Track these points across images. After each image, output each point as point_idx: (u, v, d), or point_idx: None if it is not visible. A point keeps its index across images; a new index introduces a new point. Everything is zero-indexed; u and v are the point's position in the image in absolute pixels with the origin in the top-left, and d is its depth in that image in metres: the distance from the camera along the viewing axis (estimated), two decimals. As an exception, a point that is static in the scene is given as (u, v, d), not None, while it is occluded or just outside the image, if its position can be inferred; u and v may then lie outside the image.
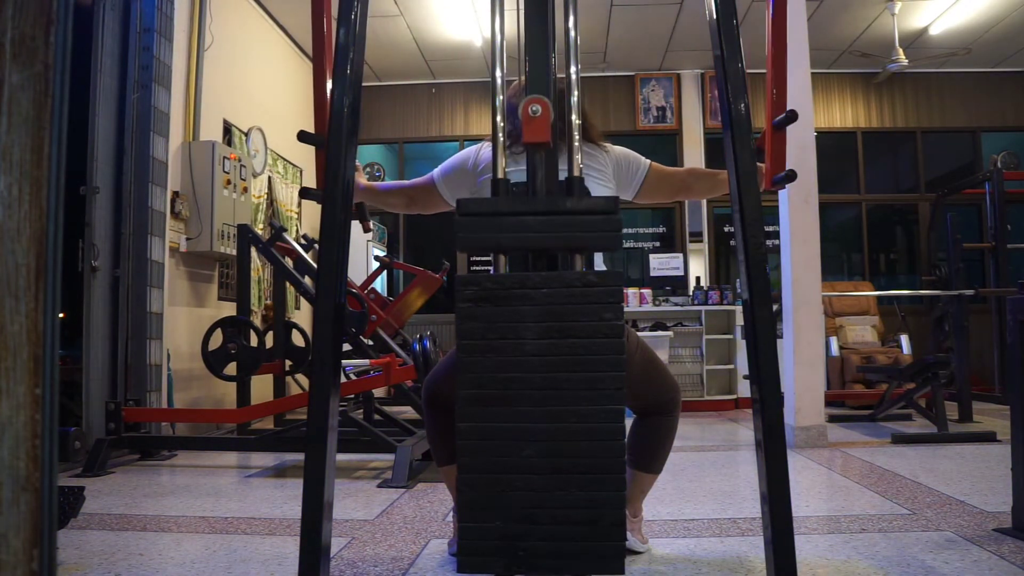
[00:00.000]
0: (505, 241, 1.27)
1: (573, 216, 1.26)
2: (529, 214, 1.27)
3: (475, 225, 1.27)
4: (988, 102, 7.26)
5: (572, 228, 1.26)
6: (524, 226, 1.26)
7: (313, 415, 1.38)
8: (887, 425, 4.77)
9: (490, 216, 1.28)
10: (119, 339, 3.97)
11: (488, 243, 1.28)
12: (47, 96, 0.65)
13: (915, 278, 7.41)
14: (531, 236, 1.27)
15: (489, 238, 1.28)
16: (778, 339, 1.44)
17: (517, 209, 1.28)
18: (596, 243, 1.27)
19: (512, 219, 1.27)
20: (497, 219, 1.27)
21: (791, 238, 4.03)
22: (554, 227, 1.26)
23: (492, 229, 1.27)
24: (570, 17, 1.41)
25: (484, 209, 1.29)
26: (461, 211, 1.28)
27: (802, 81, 4.09)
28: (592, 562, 1.19)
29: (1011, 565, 1.92)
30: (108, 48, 4.02)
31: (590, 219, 1.26)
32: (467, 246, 1.28)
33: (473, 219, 1.27)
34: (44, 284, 0.64)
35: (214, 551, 2.19)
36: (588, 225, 1.26)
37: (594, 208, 1.26)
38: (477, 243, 1.28)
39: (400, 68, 7.04)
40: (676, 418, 2.03)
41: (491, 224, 1.27)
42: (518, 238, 1.27)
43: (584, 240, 1.26)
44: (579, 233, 1.26)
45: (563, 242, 1.27)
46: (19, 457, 0.62)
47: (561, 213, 1.27)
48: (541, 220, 1.27)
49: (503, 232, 1.27)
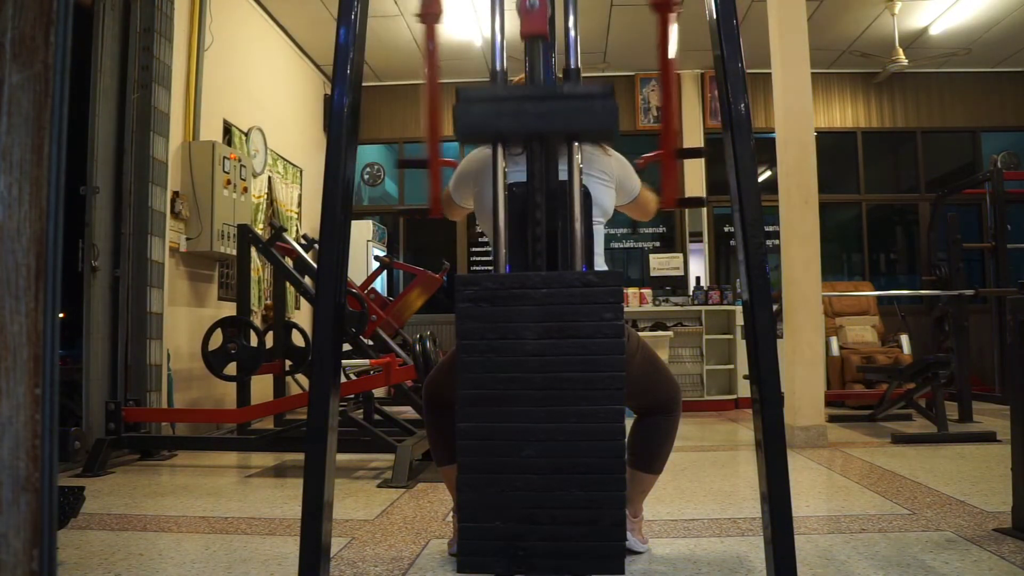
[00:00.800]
0: (503, 125, 1.28)
1: (570, 100, 1.27)
2: (527, 99, 1.28)
3: (474, 110, 1.28)
4: (988, 102, 7.26)
5: (568, 112, 1.26)
6: (522, 110, 1.27)
7: (313, 415, 1.38)
8: (887, 425, 4.77)
9: (488, 102, 1.28)
10: (119, 339, 3.97)
11: (486, 128, 1.29)
12: (47, 96, 0.65)
13: (915, 278, 7.41)
14: (529, 120, 1.27)
15: (487, 123, 1.28)
16: (778, 339, 1.43)
17: (515, 95, 1.29)
18: (592, 126, 1.27)
19: (510, 103, 1.27)
20: (495, 104, 1.28)
21: (791, 238, 4.03)
22: (551, 111, 1.27)
23: (490, 114, 1.28)
24: (570, 17, 1.41)
25: (483, 95, 1.30)
26: (461, 99, 1.29)
27: (802, 81, 4.09)
28: (592, 562, 1.19)
29: (1011, 565, 1.92)
30: (108, 48, 4.02)
31: (587, 103, 1.26)
32: (466, 132, 1.29)
33: (472, 105, 1.28)
34: (44, 284, 0.64)
35: (214, 551, 2.19)
36: (585, 109, 1.26)
37: (591, 93, 1.27)
38: (476, 129, 1.29)
39: (400, 68, 7.04)
40: (677, 418, 2.03)
41: (489, 109, 1.28)
42: (516, 122, 1.27)
43: (580, 123, 1.27)
44: (576, 116, 1.26)
45: (560, 125, 1.27)
46: (19, 457, 0.62)
47: (558, 97, 1.28)
48: (538, 104, 1.27)
49: (501, 117, 1.27)
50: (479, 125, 1.28)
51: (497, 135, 1.30)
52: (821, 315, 4.31)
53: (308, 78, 6.74)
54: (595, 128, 1.27)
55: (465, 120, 1.26)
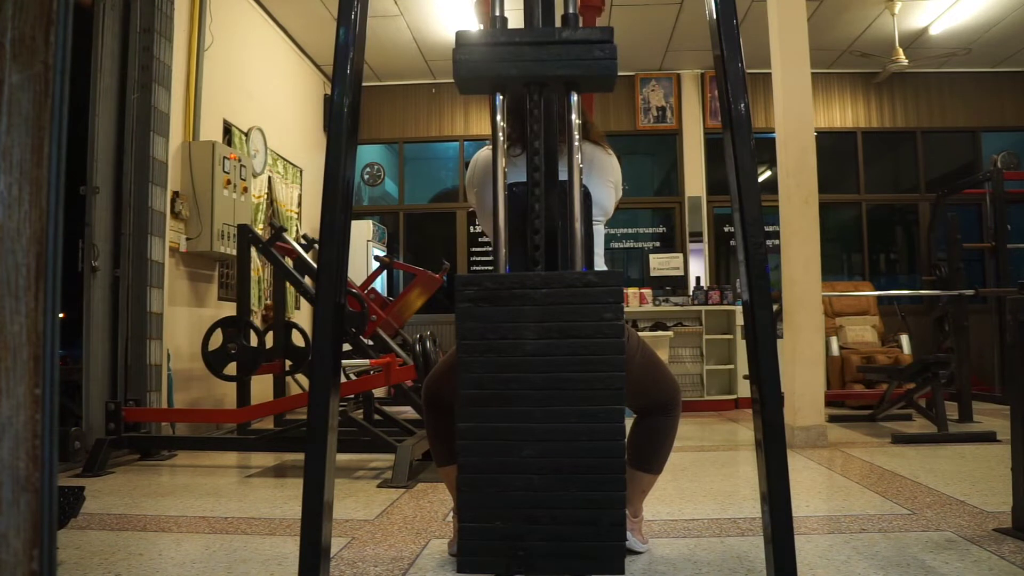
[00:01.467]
0: (502, 69, 1.28)
1: (569, 45, 1.27)
2: (526, 43, 1.28)
3: (473, 55, 1.28)
4: (988, 102, 7.26)
5: (568, 56, 1.27)
6: (521, 55, 1.27)
7: (313, 415, 1.38)
8: (887, 425, 4.77)
9: (487, 46, 1.29)
10: (119, 339, 3.97)
11: (486, 73, 1.29)
12: (47, 96, 0.65)
13: (915, 278, 7.41)
14: (528, 64, 1.27)
15: (487, 68, 1.28)
16: (778, 339, 1.43)
17: (514, 39, 1.29)
18: (592, 70, 1.27)
19: (509, 48, 1.28)
20: (494, 48, 1.28)
21: (791, 238, 4.03)
22: (551, 55, 1.27)
23: (490, 59, 1.28)
24: (569, 12, 1.40)
25: (482, 40, 1.30)
26: (459, 42, 1.29)
27: (802, 81, 4.09)
28: (592, 562, 1.19)
29: (1011, 565, 1.92)
30: (108, 48, 4.02)
31: (586, 47, 1.26)
32: (466, 80, 1.29)
33: (471, 48, 1.28)
34: (44, 284, 0.64)
35: (214, 551, 2.19)
36: (584, 52, 1.26)
37: (590, 37, 1.27)
38: (475, 74, 1.29)
39: (400, 68, 7.04)
40: (677, 418, 2.03)
41: (488, 53, 1.28)
42: (515, 66, 1.27)
43: (580, 67, 1.27)
44: (575, 60, 1.27)
45: (560, 69, 1.27)
46: (19, 457, 0.62)
47: (557, 42, 1.28)
48: (537, 48, 1.27)
49: (499, 61, 1.27)
50: (477, 70, 1.28)
51: (496, 79, 1.30)
52: (821, 315, 4.31)
53: (308, 78, 6.74)
54: (595, 72, 1.27)
55: (464, 65, 1.26)
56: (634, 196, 7.37)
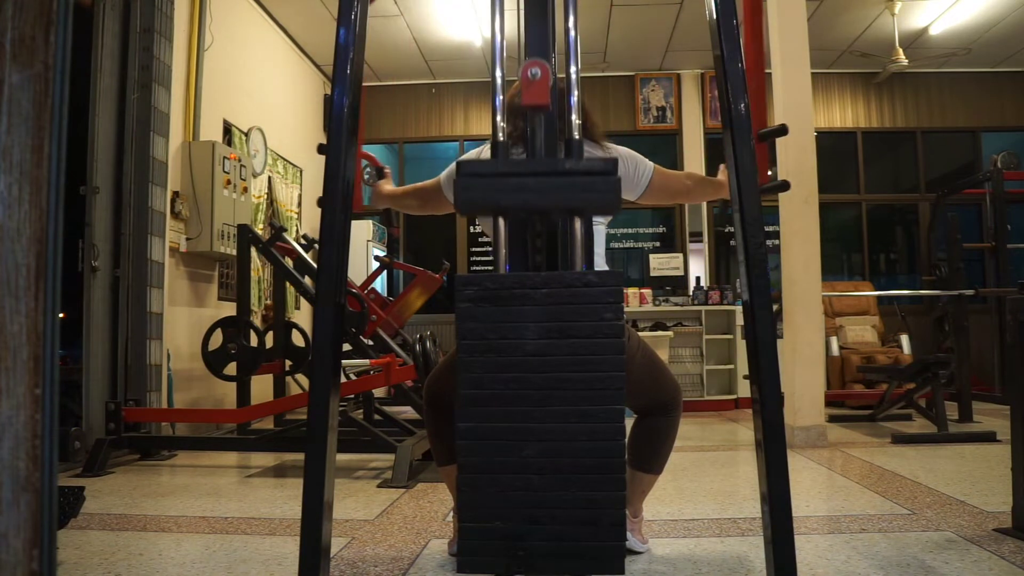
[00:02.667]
0: (504, 201, 1.28)
1: (571, 176, 1.27)
2: (528, 175, 1.28)
3: (474, 186, 1.28)
4: (988, 102, 7.26)
5: (570, 189, 1.27)
6: (523, 187, 1.27)
7: (313, 415, 1.38)
8: (887, 425, 4.77)
9: (490, 177, 1.29)
10: (119, 339, 3.97)
11: (487, 204, 1.30)
12: (47, 96, 0.65)
13: (915, 278, 7.41)
14: (530, 196, 1.27)
15: (488, 199, 1.29)
16: (778, 339, 1.43)
17: (516, 170, 1.30)
18: (594, 203, 1.28)
19: (512, 180, 1.28)
20: (496, 179, 1.29)
21: (791, 238, 4.03)
22: (552, 188, 1.27)
23: (491, 190, 1.28)
24: (570, 17, 1.40)
25: (483, 170, 1.30)
26: (461, 172, 1.29)
27: (802, 81, 4.09)
28: (592, 562, 1.19)
29: (1011, 565, 1.92)
30: (108, 48, 4.02)
31: (588, 179, 1.26)
32: (467, 207, 1.29)
33: (472, 180, 1.28)
34: (44, 284, 0.64)
35: (214, 551, 2.19)
36: (586, 186, 1.26)
37: (592, 169, 1.27)
38: (477, 204, 1.29)
39: (400, 68, 7.04)
40: (677, 418, 2.03)
41: (490, 185, 1.28)
42: (517, 198, 1.28)
43: (582, 200, 1.27)
44: (577, 194, 1.27)
45: (561, 202, 1.28)
46: (19, 457, 0.62)
47: (559, 174, 1.28)
48: (539, 181, 1.27)
49: (502, 193, 1.28)
50: (480, 201, 1.29)
51: (498, 211, 1.31)
52: (821, 315, 4.31)
53: (308, 78, 6.74)
54: (597, 205, 1.28)
55: (467, 194, 1.27)
56: (634, 196, 7.36)
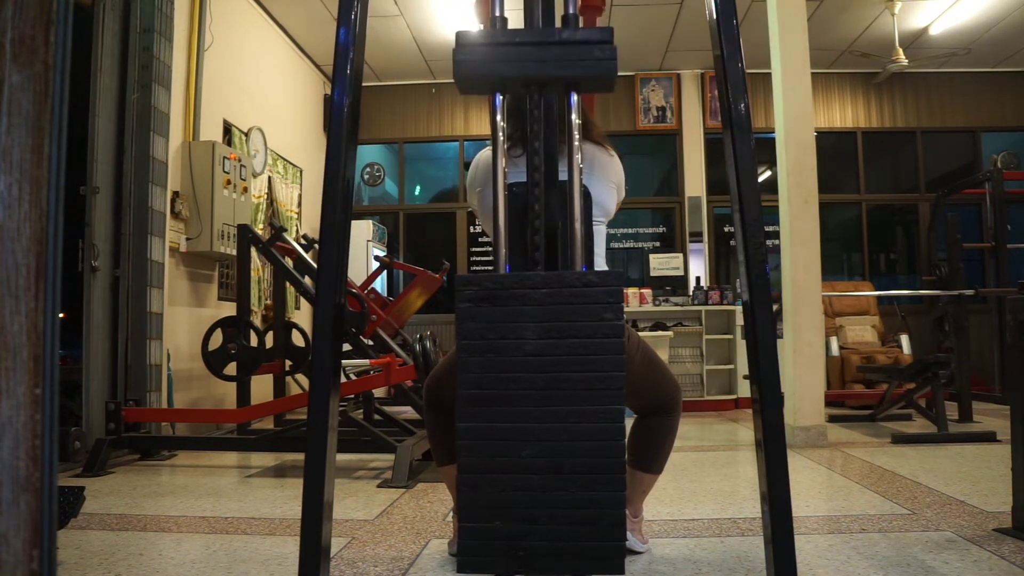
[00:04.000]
0: (502, 70, 1.28)
1: (569, 45, 1.27)
2: (527, 44, 1.28)
3: (473, 56, 1.28)
4: (988, 102, 7.26)
5: (569, 57, 1.27)
6: (521, 55, 1.27)
7: (313, 415, 1.38)
8: (887, 425, 4.77)
9: (487, 46, 1.29)
10: (119, 339, 3.97)
11: (486, 74, 1.29)
12: (47, 96, 0.65)
13: (915, 278, 7.41)
14: (528, 65, 1.27)
15: (487, 69, 1.28)
16: (778, 339, 1.43)
17: (514, 40, 1.29)
18: (592, 70, 1.28)
19: (509, 48, 1.28)
20: (495, 48, 1.28)
21: (791, 238, 4.03)
22: (551, 56, 1.27)
23: (490, 59, 1.28)
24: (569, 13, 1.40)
25: (481, 40, 1.30)
26: (459, 42, 1.29)
27: (802, 81, 4.09)
28: (592, 562, 1.19)
29: (1011, 565, 1.92)
30: (108, 48, 4.02)
31: (586, 47, 1.27)
32: (466, 81, 1.29)
33: (471, 48, 1.28)
34: (44, 284, 0.64)
35: (214, 551, 2.19)
36: (584, 53, 1.27)
37: (590, 38, 1.27)
38: (475, 75, 1.29)
39: (400, 68, 7.04)
40: (677, 418, 2.03)
41: (488, 54, 1.28)
42: (515, 66, 1.27)
43: (580, 68, 1.27)
44: (575, 61, 1.27)
45: (560, 69, 1.28)
46: (19, 457, 0.62)
47: (557, 43, 1.28)
48: (538, 49, 1.27)
49: (500, 62, 1.28)
50: (477, 70, 1.28)
51: (496, 80, 1.30)
52: (821, 315, 4.30)
53: (308, 78, 6.74)
54: (595, 73, 1.28)
55: (464, 65, 1.26)
56: (634, 196, 7.36)
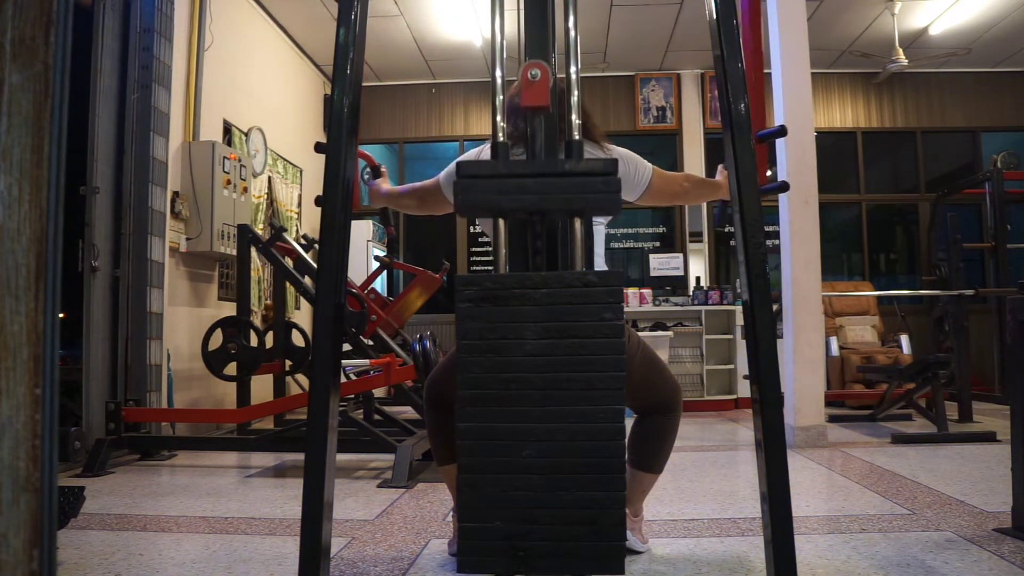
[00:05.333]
0: (504, 203, 1.28)
1: (571, 177, 1.27)
2: (528, 176, 1.28)
3: (474, 187, 1.28)
4: (988, 102, 7.26)
5: (570, 190, 1.26)
6: (523, 188, 1.27)
7: (313, 415, 1.38)
8: (887, 425, 4.77)
9: (489, 178, 1.28)
10: (119, 339, 3.97)
11: (487, 205, 1.29)
12: (47, 96, 0.65)
13: (915, 278, 7.41)
14: (529, 198, 1.27)
15: (488, 200, 1.28)
16: (778, 339, 1.43)
17: (516, 171, 1.29)
18: (594, 204, 1.27)
19: (511, 181, 1.27)
20: (496, 181, 1.28)
21: (791, 238, 4.03)
22: (552, 188, 1.27)
23: (491, 191, 1.28)
24: (570, 17, 1.41)
25: (483, 171, 1.30)
26: (461, 174, 1.29)
27: (802, 81, 4.09)
28: (592, 562, 1.19)
29: (1011, 565, 1.92)
30: (108, 48, 4.02)
31: (589, 180, 1.26)
32: (467, 208, 1.29)
33: (472, 181, 1.28)
34: (44, 284, 0.64)
35: (214, 551, 2.19)
36: (586, 186, 1.26)
37: (592, 170, 1.27)
38: (476, 205, 1.29)
39: (400, 68, 7.04)
40: (677, 418, 2.03)
41: (490, 186, 1.28)
42: (517, 199, 1.27)
43: (582, 201, 1.27)
44: (577, 195, 1.26)
45: (562, 203, 1.27)
46: (19, 457, 0.62)
47: (560, 175, 1.28)
48: (539, 182, 1.27)
49: (502, 194, 1.27)
50: (479, 202, 1.28)
51: (498, 213, 1.31)
52: (821, 315, 4.30)
53: (308, 78, 6.74)
54: (597, 207, 1.28)
55: (467, 197, 1.26)
56: (634, 196, 7.36)
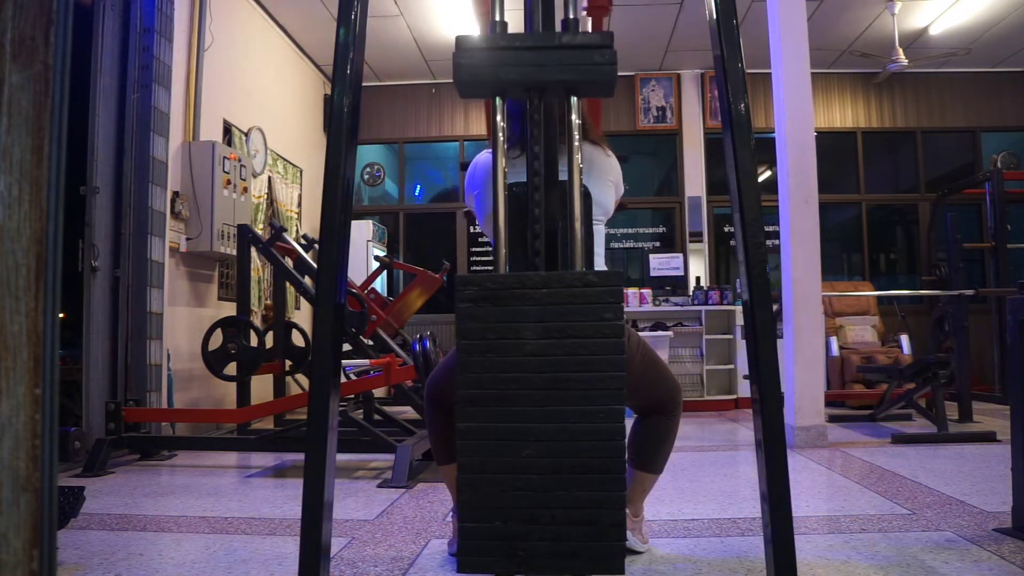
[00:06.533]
0: (503, 74, 1.27)
1: (569, 50, 1.27)
2: (525, 48, 1.28)
3: (472, 60, 1.28)
4: (988, 102, 7.26)
5: (568, 61, 1.26)
6: (520, 60, 1.27)
7: (313, 415, 1.38)
8: (887, 425, 4.77)
9: (487, 50, 1.28)
10: (119, 339, 3.97)
11: (487, 79, 1.29)
12: (47, 96, 0.65)
13: (915, 278, 7.41)
14: (527, 69, 1.27)
15: (487, 73, 1.28)
16: (778, 339, 1.43)
17: (514, 44, 1.29)
18: (592, 75, 1.27)
19: (509, 52, 1.27)
20: (494, 53, 1.28)
21: (791, 238, 4.03)
22: (550, 60, 1.27)
23: (490, 64, 1.27)
24: (570, 17, 1.40)
25: (481, 44, 1.30)
26: (459, 47, 1.28)
27: (802, 81, 4.09)
28: (592, 562, 1.19)
29: (1011, 565, 1.92)
30: (108, 48, 4.02)
31: (586, 52, 1.26)
32: (466, 87, 1.28)
33: (471, 53, 1.28)
34: (44, 284, 0.64)
35: (214, 551, 2.19)
36: (584, 58, 1.26)
37: (590, 43, 1.27)
38: (475, 80, 1.29)
39: (400, 68, 7.04)
40: (677, 418, 2.04)
41: (488, 58, 1.27)
42: (516, 71, 1.27)
43: (578, 72, 1.27)
44: (575, 66, 1.26)
45: (560, 74, 1.27)
46: (19, 457, 0.62)
47: (557, 47, 1.28)
48: (537, 54, 1.27)
49: (500, 66, 1.27)
50: (477, 75, 1.28)
51: (496, 84, 1.30)
52: (821, 315, 4.30)
53: (308, 78, 6.74)
54: (594, 77, 1.27)
55: (464, 69, 1.26)
56: (634, 196, 7.36)
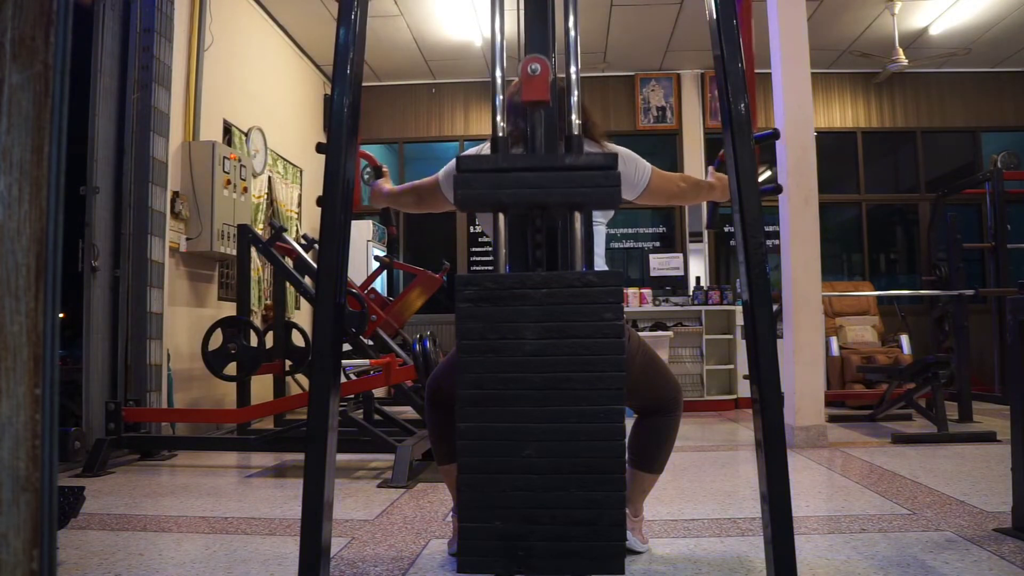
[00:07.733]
0: (504, 197, 1.27)
1: (572, 172, 1.27)
2: (528, 170, 1.27)
3: (475, 181, 1.27)
4: (988, 102, 7.26)
5: (571, 184, 1.26)
6: (523, 182, 1.26)
7: (313, 415, 1.38)
8: (887, 425, 4.77)
9: (490, 172, 1.28)
10: (119, 339, 3.97)
11: (488, 199, 1.29)
12: (47, 96, 0.65)
13: (915, 278, 7.41)
14: (530, 192, 1.27)
15: (489, 194, 1.28)
16: (778, 339, 1.43)
17: (516, 165, 1.29)
18: (594, 198, 1.27)
19: (511, 175, 1.27)
20: (496, 175, 1.28)
21: (791, 238, 4.03)
22: (553, 183, 1.26)
23: (492, 185, 1.27)
24: (570, 17, 1.41)
25: (484, 166, 1.29)
26: (461, 168, 1.28)
27: (802, 81, 4.09)
28: (592, 562, 1.19)
29: (1011, 565, 1.92)
30: (108, 48, 4.02)
31: (589, 174, 1.26)
32: (467, 203, 1.28)
33: (473, 175, 1.27)
34: (44, 284, 0.64)
35: (214, 551, 2.19)
36: (587, 180, 1.26)
37: (593, 164, 1.27)
38: (477, 199, 1.29)
39: (400, 68, 7.04)
40: (677, 418, 2.04)
41: (491, 180, 1.27)
42: (517, 194, 1.27)
43: (582, 195, 1.26)
44: (578, 188, 1.26)
45: (562, 197, 1.27)
46: (19, 457, 0.62)
47: (560, 169, 1.27)
48: (540, 176, 1.27)
49: (502, 188, 1.27)
50: (480, 197, 1.28)
51: (498, 207, 1.30)
52: (821, 315, 4.30)
53: (308, 78, 6.74)
54: (597, 200, 1.27)
55: (468, 191, 1.26)
56: (634, 196, 7.36)
